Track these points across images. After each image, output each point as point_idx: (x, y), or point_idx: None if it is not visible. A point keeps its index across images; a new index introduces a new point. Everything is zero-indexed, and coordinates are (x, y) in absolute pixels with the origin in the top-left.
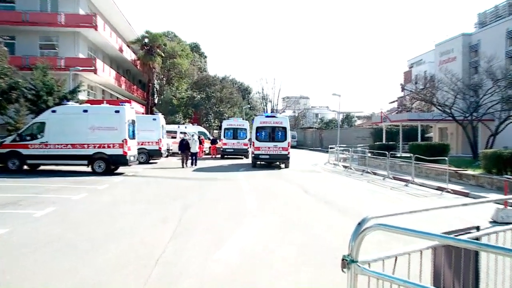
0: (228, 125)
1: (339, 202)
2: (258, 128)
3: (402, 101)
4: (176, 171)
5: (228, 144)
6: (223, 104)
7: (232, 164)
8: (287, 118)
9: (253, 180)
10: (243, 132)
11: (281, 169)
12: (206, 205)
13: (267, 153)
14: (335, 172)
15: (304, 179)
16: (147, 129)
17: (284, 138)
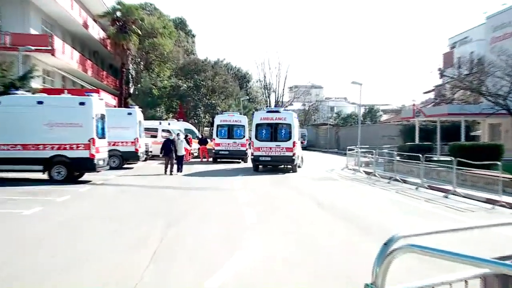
0: (222, 121)
1: (361, 218)
2: (258, 125)
3: (441, 91)
4: (157, 178)
5: (222, 144)
6: (216, 95)
7: (227, 170)
8: (293, 114)
9: (253, 190)
10: (240, 130)
11: (288, 175)
12: (194, 222)
13: (268, 155)
14: (355, 180)
15: (317, 188)
16: (120, 126)
17: (289, 136)
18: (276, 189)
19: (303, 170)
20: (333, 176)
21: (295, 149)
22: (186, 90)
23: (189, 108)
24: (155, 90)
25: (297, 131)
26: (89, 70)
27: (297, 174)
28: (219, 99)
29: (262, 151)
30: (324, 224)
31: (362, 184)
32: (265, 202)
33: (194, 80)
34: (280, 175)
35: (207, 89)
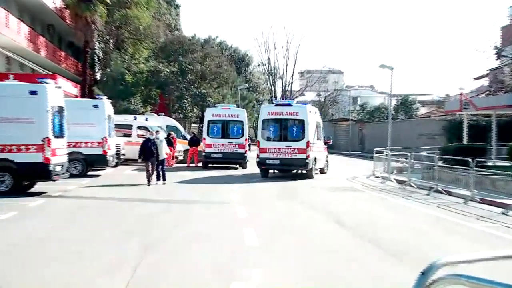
0: (215, 115)
1: (392, 241)
2: (265, 121)
3: (497, 76)
4: (132, 189)
5: (215, 145)
6: (206, 83)
7: (221, 177)
8: (307, 108)
9: (254, 203)
10: (237, 127)
11: (299, 184)
12: (178, 245)
13: (277, 157)
14: (384, 191)
15: (336, 202)
16: (84, 121)
17: (301, 135)
18: (283, 202)
19: (320, 178)
20: (356, 186)
21: (309, 150)
22: (168, 76)
23: (172, 99)
24: (128, 76)
25: (313, 128)
26: (42, 49)
27: (311, 182)
28: (210, 88)
29: (269, 152)
30: (345, 250)
31: (394, 196)
32: (270, 220)
33: (179, 63)
34: (290, 183)
35: (195, 75)
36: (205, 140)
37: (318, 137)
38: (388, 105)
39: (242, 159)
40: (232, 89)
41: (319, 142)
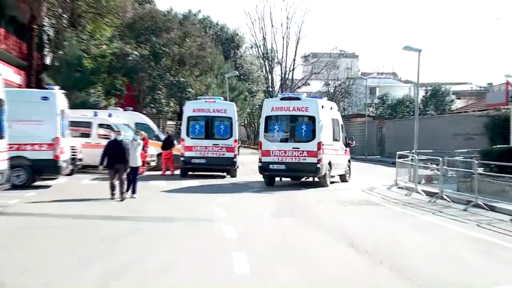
0: (196, 110)
1: (422, 271)
2: (269, 118)
3: None
4: (91, 204)
5: (196, 148)
6: (186, 69)
7: (204, 188)
8: (319, 102)
9: (247, 221)
10: (225, 125)
11: (303, 195)
12: (148, 276)
13: (282, 161)
14: (410, 206)
15: (349, 219)
16: (29, 118)
17: (311, 135)
18: (283, 219)
19: (331, 189)
20: (375, 199)
21: (320, 153)
22: (137, 61)
23: (142, 90)
24: (87, 61)
25: (328, 126)
26: None
27: (319, 193)
28: (190, 76)
29: (273, 156)
30: (361, 281)
31: (421, 212)
32: (265, 242)
33: (151, 44)
34: (292, 194)
35: (171, 59)
36: (184, 142)
37: (335, 138)
38: (415, 97)
39: (231, 166)
40: (218, 78)
41: (337, 143)
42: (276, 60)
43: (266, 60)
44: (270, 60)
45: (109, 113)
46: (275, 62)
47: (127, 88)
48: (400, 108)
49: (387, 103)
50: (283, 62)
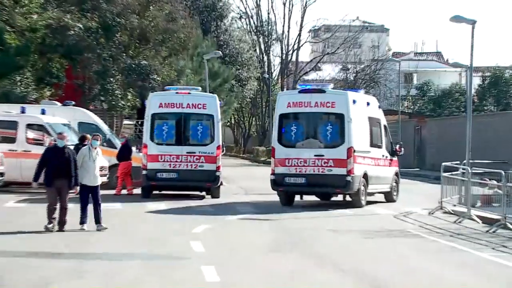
0: (165, 105)
1: None
2: (284, 117)
3: None
4: (18, 238)
5: (163, 158)
6: (149, 48)
7: (176, 212)
8: (349, 95)
9: (234, 258)
10: (204, 126)
11: (316, 221)
12: None
13: (302, 173)
14: (460, 237)
15: (376, 255)
16: None
17: (339, 138)
18: (284, 256)
19: (360, 213)
20: (411, 228)
21: (351, 162)
22: (82, 36)
23: (89, 76)
24: (10, 36)
25: (362, 127)
26: None
27: (338, 219)
28: (156, 58)
29: (289, 166)
30: None
31: (476, 246)
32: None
33: (100, 14)
34: (298, 218)
35: (129, 34)
36: (147, 149)
37: (374, 142)
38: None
39: (212, 182)
40: (194, 60)
41: (377, 150)
42: (275, 35)
43: (260, 35)
44: (266, 36)
45: (43, 109)
46: (273, 39)
47: (67, 75)
48: (447, 102)
49: (429, 94)
50: (284, 38)
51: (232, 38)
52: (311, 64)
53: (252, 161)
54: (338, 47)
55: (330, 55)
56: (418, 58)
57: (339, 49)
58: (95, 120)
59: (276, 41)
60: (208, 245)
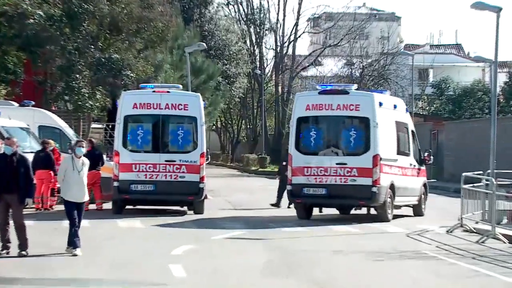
0: (140, 106)
1: None
2: (303, 121)
3: None
4: None
5: (138, 168)
6: (122, 40)
7: (152, 231)
8: (374, 97)
9: (221, 286)
10: (185, 130)
11: (315, 240)
12: None
13: (322, 183)
14: (483, 259)
15: (385, 281)
16: None
17: (364, 145)
18: (278, 281)
19: (352, 234)
20: (426, 249)
21: (377, 171)
22: (43, 25)
23: (51, 72)
24: None
25: (389, 133)
26: None
27: (341, 238)
28: (129, 50)
29: (308, 175)
30: None
31: (503, 270)
32: None
33: (64, 0)
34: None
35: (98, 23)
36: (119, 157)
37: (401, 150)
38: (491, 85)
39: (195, 195)
40: (174, 53)
41: (405, 158)
42: (268, 25)
43: (251, 25)
44: (257, 26)
45: None
46: (266, 29)
47: (26, 71)
48: (468, 103)
49: (447, 93)
50: (279, 28)
51: (218, 28)
52: (310, 58)
53: (241, 170)
54: (342, 38)
55: (332, 47)
56: (434, 51)
57: (342, 41)
58: (58, 123)
59: (269, 31)
60: (190, 269)
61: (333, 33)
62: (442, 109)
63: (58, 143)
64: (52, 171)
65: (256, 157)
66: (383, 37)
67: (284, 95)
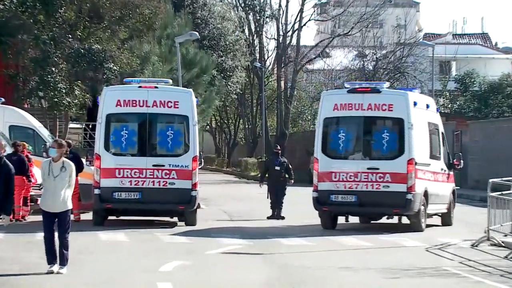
0: (124, 103)
1: None
2: (330, 122)
3: None
4: None
5: (122, 173)
6: (103, 29)
7: (139, 244)
8: (409, 96)
9: None
10: (175, 131)
11: (322, 253)
12: None
13: (352, 190)
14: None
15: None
16: None
17: (398, 148)
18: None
19: (362, 250)
20: (448, 265)
21: (412, 177)
22: (13, 11)
23: (24, 65)
24: None
25: (423, 135)
26: None
27: (352, 253)
28: (112, 40)
29: (337, 181)
30: None
31: None
32: None
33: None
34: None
35: (76, 10)
36: (100, 161)
37: (433, 153)
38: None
39: (186, 204)
40: (163, 43)
41: (436, 163)
42: (269, 11)
43: (250, 12)
44: (257, 13)
45: None
46: (267, 16)
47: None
48: (495, 99)
49: (472, 89)
50: (282, 15)
51: (213, 15)
52: (316, 49)
53: (239, 176)
54: (353, 27)
55: (342, 37)
56: (457, 41)
57: (353, 30)
58: (31, 122)
59: (270, 19)
60: (181, 287)
61: (343, 21)
62: (466, 106)
63: (32, 145)
64: (25, 177)
65: (255, 161)
66: (400, 25)
67: (287, 91)
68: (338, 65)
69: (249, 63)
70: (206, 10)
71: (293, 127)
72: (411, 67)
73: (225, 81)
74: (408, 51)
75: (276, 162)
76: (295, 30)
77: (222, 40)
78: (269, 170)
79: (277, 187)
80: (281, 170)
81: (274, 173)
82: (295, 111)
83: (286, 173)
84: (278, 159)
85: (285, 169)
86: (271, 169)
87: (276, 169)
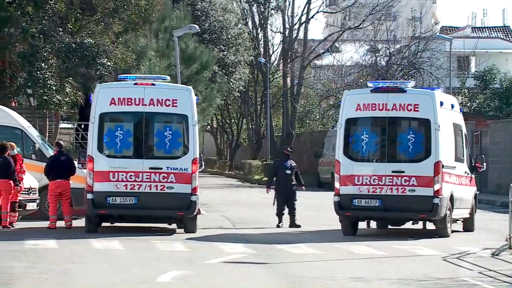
0: (119, 102)
1: None
2: (353, 122)
3: None
4: None
5: (117, 177)
6: (96, 21)
7: (135, 253)
8: (436, 96)
9: None
10: (174, 131)
11: (331, 263)
12: None
13: (376, 194)
14: None
15: None
16: None
17: (424, 150)
18: None
19: (374, 258)
20: (466, 275)
21: (439, 181)
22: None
23: (11, 61)
24: None
25: (449, 137)
26: None
27: (363, 262)
28: (106, 34)
29: (359, 184)
30: None
31: None
32: None
33: None
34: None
35: (67, 1)
36: (93, 163)
37: (457, 156)
38: None
39: (186, 210)
40: (160, 37)
41: (461, 166)
42: (274, 3)
43: (253, 3)
44: (261, 4)
45: None
46: (272, 8)
47: None
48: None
49: (493, 86)
50: (288, 7)
51: (214, 7)
52: (325, 43)
53: (242, 180)
54: (364, 19)
55: (353, 30)
56: (477, 34)
57: (365, 23)
58: (19, 122)
59: (276, 11)
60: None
61: (354, 13)
62: (486, 105)
63: (20, 146)
64: (12, 181)
65: (260, 164)
66: (415, 18)
67: (294, 88)
68: (348, 60)
69: (253, 59)
70: (207, 1)
71: (300, 127)
72: (427, 62)
73: (227, 77)
74: (424, 45)
75: (286, 165)
76: (302, 23)
77: (224, 34)
78: (278, 174)
79: (287, 193)
80: (291, 175)
81: (283, 177)
82: (302, 110)
83: (295, 178)
84: (288, 162)
85: (294, 174)
86: (280, 172)
87: (286, 173)
